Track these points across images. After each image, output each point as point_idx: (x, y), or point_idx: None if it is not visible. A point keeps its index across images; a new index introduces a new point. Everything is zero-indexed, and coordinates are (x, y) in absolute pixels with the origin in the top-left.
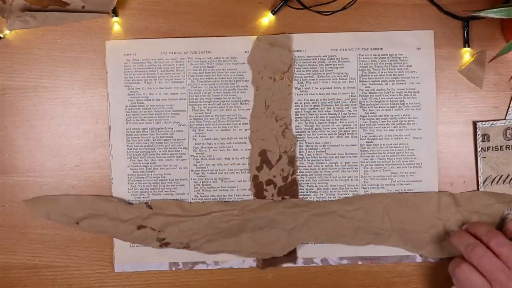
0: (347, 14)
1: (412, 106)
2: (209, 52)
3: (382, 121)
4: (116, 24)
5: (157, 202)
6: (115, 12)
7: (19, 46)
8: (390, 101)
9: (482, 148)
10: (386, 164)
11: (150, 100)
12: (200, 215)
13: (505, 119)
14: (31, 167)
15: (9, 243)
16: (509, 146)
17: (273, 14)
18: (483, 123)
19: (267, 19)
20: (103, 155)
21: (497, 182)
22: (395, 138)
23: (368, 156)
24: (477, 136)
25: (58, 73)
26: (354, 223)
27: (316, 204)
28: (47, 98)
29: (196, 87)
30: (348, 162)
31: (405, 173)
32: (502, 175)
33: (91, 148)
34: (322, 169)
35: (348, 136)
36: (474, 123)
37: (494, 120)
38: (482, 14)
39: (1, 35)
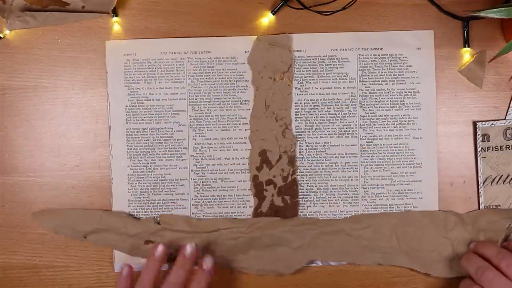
0: (347, 14)
1: (412, 106)
2: (209, 52)
3: (382, 121)
4: (116, 24)
5: (165, 217)
6: (115, 12)
7: (19, 46)
8: (390, 101)
9: (482, 148)
10: (386, 164)
11: (150, 100)
12: (208, 231)
13: (505, 119)
14: (31, 167)
15: (9, 243)
16: (509, 146)
17: (273, 14)
18: (483, 123)
19: (267, 19)
20: (103, 155)
21: (497, 182)
22: (395, 138)
23: (368, 156)
24: (477, 136)
25: (58, 73)
26: (361, 242)
27: (323, 222)
28: (47, 98)
29: (196, 87)
30: (348, 162)
31: (405, 173)
32: (502, 175)
33: (91, 148)
34: (322, 169)
35: (348, 136)
36: (474, 123)
37: (494, 120)
38: (482, 14)
39: (1, 35)
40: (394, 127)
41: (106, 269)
